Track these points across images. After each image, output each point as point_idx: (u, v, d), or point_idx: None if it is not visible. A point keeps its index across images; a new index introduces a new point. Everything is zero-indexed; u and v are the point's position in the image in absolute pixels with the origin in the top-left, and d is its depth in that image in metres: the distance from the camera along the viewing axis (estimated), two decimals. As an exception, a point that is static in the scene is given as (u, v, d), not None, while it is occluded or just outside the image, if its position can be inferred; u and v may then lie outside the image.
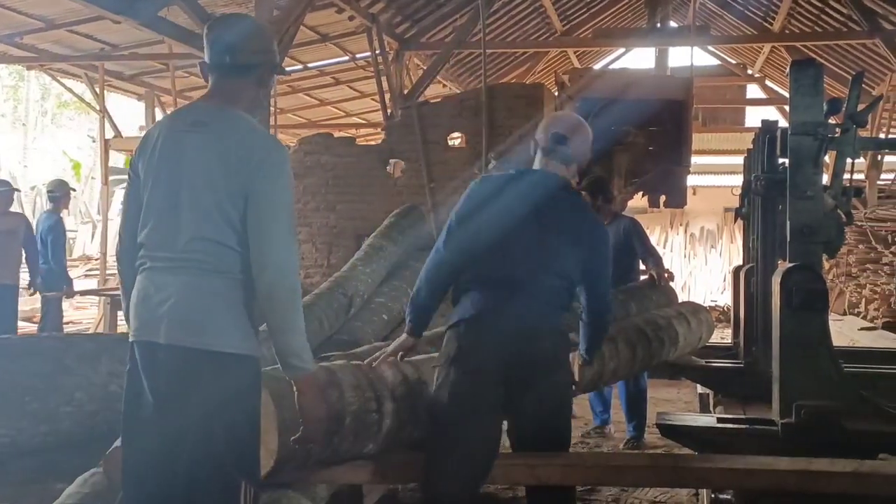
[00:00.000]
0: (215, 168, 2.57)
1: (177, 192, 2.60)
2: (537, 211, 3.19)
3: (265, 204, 2.53)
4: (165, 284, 2.56)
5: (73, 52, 12.12)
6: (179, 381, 2.52)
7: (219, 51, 2.69)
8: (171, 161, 2.63)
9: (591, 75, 12.57)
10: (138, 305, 2.62)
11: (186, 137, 2.63)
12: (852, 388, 3.71)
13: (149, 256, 2.63)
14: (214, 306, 2.54)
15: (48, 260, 8.80)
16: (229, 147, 2.58)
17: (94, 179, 21.53)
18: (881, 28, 11.72)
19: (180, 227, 2.57)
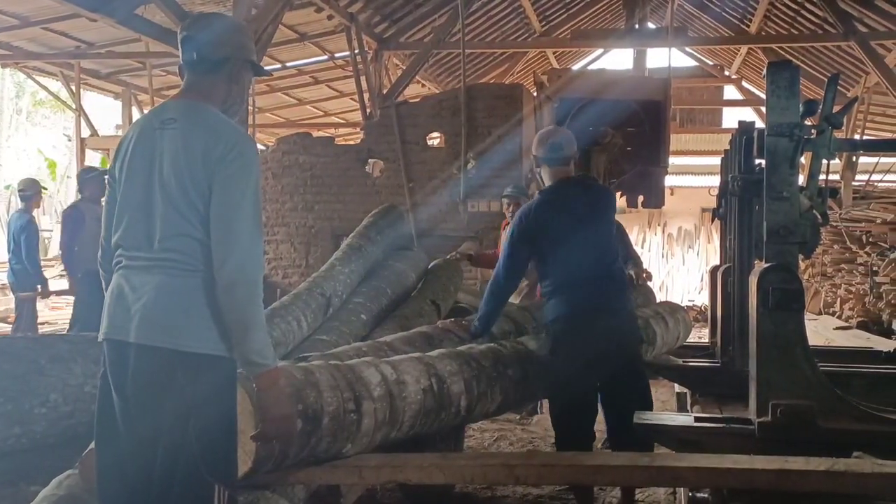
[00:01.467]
0: (184, 163, 2.53)
1: (149, 190, 2.57)
2: (588, 211, 4.17)
3: (228, 196, 2.49)
4: (141, 284, 2.54)
5: (49, 50, 12.02)
6: (151, 381, 2.48)
7: (188, 48, 2.67)
8: (144, 159, 2.61)
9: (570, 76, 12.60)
10: (112, 305, 2.59)
11: (157, 135, 2.61)
12: (828, 387, 3.74)
13: (124, 256, 2.61)
14: (189, 306, 2.51)
15: (21, 260, 8.71)
16: (196, 140, 2.54)
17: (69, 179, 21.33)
18: (856, 31, 11.84)
19: (154, 225, 2.55)
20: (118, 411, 2.54)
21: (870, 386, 4.58)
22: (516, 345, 4.48)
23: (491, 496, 4.90)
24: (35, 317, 9.23)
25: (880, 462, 3.16)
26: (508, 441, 6.21)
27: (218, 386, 2.52)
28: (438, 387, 3.63)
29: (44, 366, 3.36)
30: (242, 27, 2.95)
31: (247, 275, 2.48)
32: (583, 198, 4.25)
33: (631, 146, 11.36)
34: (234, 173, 2.51)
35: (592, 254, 4.13)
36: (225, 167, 2.50)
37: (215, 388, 2.50)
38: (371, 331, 5.05)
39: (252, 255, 2.49)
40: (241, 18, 8.04)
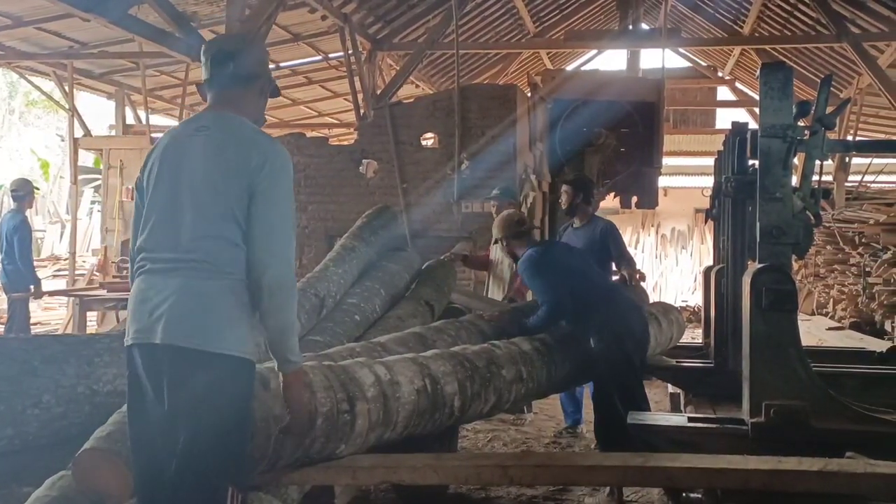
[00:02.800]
0: (216, 168, 2.62)
1: (177, 193, 2.65)
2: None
3: (270, 207, 2.60)
4: (165, 286, 2.59)
5: (42, 50, 11.97)
6: (176, 380, 2.54)
7: (220, 61, 2.78)
8: (173, 164, 2.69)
9: (564, 76, 12.63)
10: (137, 309, 2.64)
11: (189, 141, 2.71)
12: (820, 388, 3.75)
13: (149, 259, 2.66)
14: (214, 307, 2.57)
15: (14, 260, 8.68)
16: (231, 148, 2.64)
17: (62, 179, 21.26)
18: (849, 32, 11.86)
19: (183, 227, 2.61)
20: (159, 413, 2.57)
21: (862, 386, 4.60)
22: (510, 345, 4.48)
23: (485, 497, 4.90)
24: (28, 317, 9.20)
25: (873, 462, 3.17)
26: (502, 442, 6.21)
27: (237, 387, 2.58)
28: (432, 387, 3.64)
29: (36, 367, 3.34)
30: (265, 48, 3.09)
31: (287, 281, 2.63)
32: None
33: (624, 147, 11.39)
34: (273, 185, 2.61)
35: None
36: (264, 178, 2.60)
37: (234, 389, 2.57)
38: (365, 331, 5.05)
39: (291, 263, 2.66)
40: (234, 18, 8.03)
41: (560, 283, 4.97)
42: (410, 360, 3.72)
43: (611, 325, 4.88)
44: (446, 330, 4.77)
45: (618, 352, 4.84)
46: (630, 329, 4.95)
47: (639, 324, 5.09)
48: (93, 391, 3.41)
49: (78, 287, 11.60)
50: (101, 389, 3.44)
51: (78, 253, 14.22)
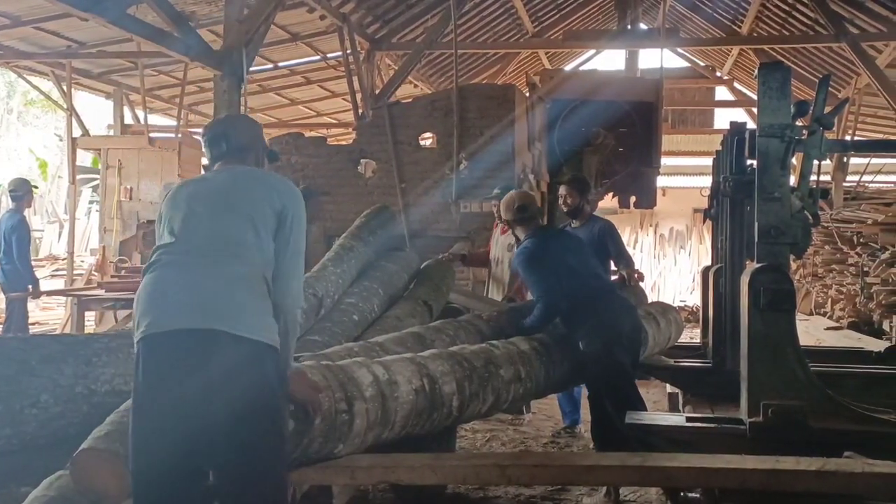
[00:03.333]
0: (238, 188, 2.93)
1: (198, 206, 2.89)
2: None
3: (292, 244, 2.93)
4: (195, 274, 2.75)
5: (40, 50, 11.96)
6: (200, 362, 2.62)
7: (215, 142, 3.08)
8: (192, 192, 2.97)
9: (562, 76, 12.63)
10: (162, 297, 2.73)
11: (205, 178, 3.10)
12: (819, 388, 3.76)
13: (170, 252, 2.82)
14: (250, 295, 2.76)
15: (12, 260, 8.68)
16: (255, 179, 3.00)
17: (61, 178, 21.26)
18: (847, 32, 11.86)
19: (204, 226, 2.84)
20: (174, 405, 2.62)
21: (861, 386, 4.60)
22: (508, 345, 4.48)
23: (483, 497, 4.90)
24: (26, 317, 9.19)
25: (871, 462, 3.17)
26: (500, 441, 6.21)
27: (279, 375, 2.78)
28: (430, 387, 3.63)
29: (34, 366, 3.34)
30: (255, 123, 3.39)
31: (299, 302, 2.99)
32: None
33: (623, 147, 11.39)
34: (294, 226, 2.94)
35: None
36: (288, 221, 2.92)
37: (278, 377, 2.78)
38: (363, 331, 5.05)
39: (301, 287, 3.03)
40: (233, 18, 8.03)
41: (553, 282, 4.92)
42: (408, 360, 3.72)
43: (599, 329, 4.82)
44: (445, 330, 4.76)
45: (606, 356, 4.78)
46: (619, 333, 4.87)
47: (630, 326, 5.01)
48: (91, 391, 3.41)
49: (76, 287, 11.59)
50: (99, 389, 3.43)
51: (76, 253, 14.20)
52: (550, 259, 5.00)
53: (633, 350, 5.00)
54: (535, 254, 5.01)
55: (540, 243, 5.08)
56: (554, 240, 5.19)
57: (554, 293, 4.92)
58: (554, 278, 4.93)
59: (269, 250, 2.88)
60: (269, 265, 2.88)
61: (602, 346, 4.78)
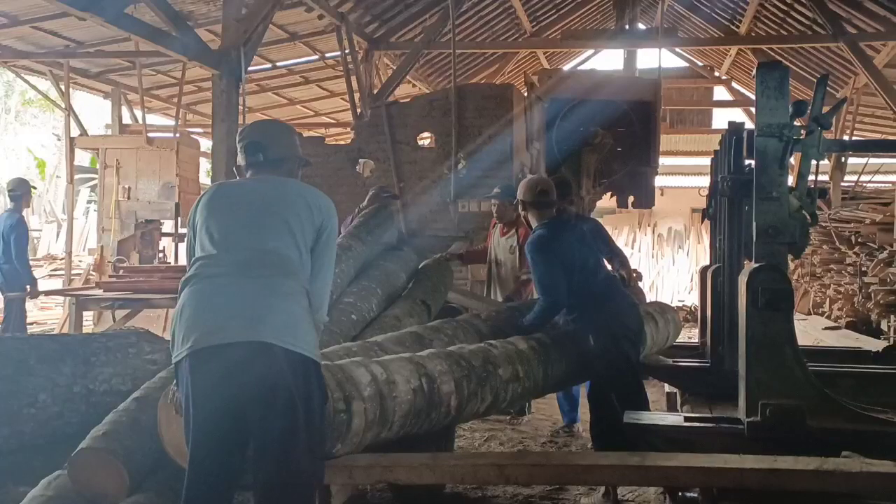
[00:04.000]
0: (279, 199, 2.95)
1: (238, 216, 2.91)
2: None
3: (327, 260, 3.03)
4: (246, 288, 2.78)
5: (38, 49, 11.95)
6: (249, 374, 2.68)
7: (252, 151, 3.09)
8: (231, 199, 2.99)
9: (560, 76, 12.63)
10: (209, 311, 2.75)
11: (245, 184, 3.08)
12: (817, 387, 3.76)
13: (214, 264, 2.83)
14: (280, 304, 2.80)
15: (10, 259, 8.67)
16: (296, 193, 3.00)
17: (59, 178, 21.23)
18: (845, 32, 11.88)
19: (247, 239, 2.86)
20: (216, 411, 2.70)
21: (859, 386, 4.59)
22: (506, 345, 4.48)
23: (481, 496, 4.90)
24: (24, 317, 9.18)
25: (869, 461, 3.18)
26: (499, 441, 6.21)
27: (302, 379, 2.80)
28: (429, 386, 3.63)
29: (33, 366, 3.34)
30: (293, 129, 3.42)
31: (325, 318, 3.13)
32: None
33: (621, 146, 11.39)
34: (331, 243, 3.04)
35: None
36: (325, 236, 3.00)
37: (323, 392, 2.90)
38: (361, 331, 5.05)
39: (327, 302, 3.14)
40: (231, 17, 8.02)
41: (559, 276, 4.88)
42: (407, 360, 3.72)
43: (609, 323, 4.85)
44: (443, 329, 4.76)
45: (616, 351, 4.82)
46: (627, 328, 4.93)
47: (635, 322, 5.08)
48: (89, 391, 3.41)
49: (74, 286, 11.59)
50: (97, 389, 3.43)
51: (74, 252, 14.19)
52: (562, 249, 4.92)
53: (637, 345, 5.05)
54: (548, 241, 4.92)
55: (554, 232, 5.00)
56: (567, 230, 5.09)
57: (557, 290, 4.87)
58: (560, 271, 4.86)
59: (308, 265, 2.94)
60: (308, 279, 2.94)
61: (612, 341, 4.81)
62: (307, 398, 2.77)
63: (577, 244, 5.05)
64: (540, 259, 4.92)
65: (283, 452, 2.71)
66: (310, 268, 2.94)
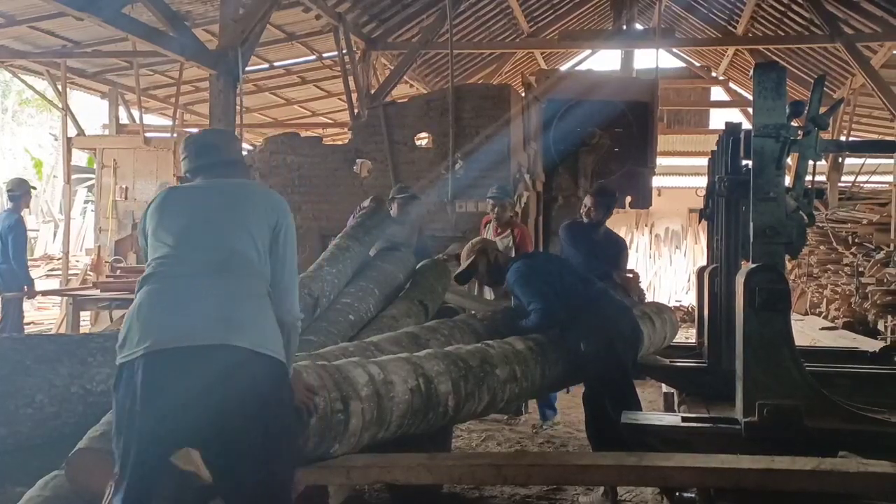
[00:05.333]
0: (240, 203, 2.89)
1: (195, 219, 2.85)
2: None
3: (289, 260, 2.93)
4: (203, 288, 2.71)
5: (35, 49, 11.93)
6: (219, 379, 2.60)
7: (204, 154, 3.04)
8: (184, 202, 2.92)
9: (558, 76, 12.63)
10: (167, 312, 2.67)
11: (196, 188, 3.01)
12: (814, 387, 3.76)
13: (171, 264, 2.76)
14: (262, 310, 2.77)
15: (8, 259, 8.67)
16: (250, 192, 2.96)
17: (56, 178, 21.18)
18: (842, 32, 11.89)
19: (206, 241, 2.80)
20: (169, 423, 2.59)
21: (855, 386, 4.61)
22: (504, 345, 4.48)
23: (479, 496, 4.90)
24: (21, 317, 9.18)
25: (865, 461, 3.18)
26: (496, 441, 6.22)
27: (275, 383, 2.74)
28: (426, 387, 3.63)
29: (30, 366, 3.33)
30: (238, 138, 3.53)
31: (298, 318, 3.00)
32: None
33: (618, 147, 11.40)
34: (289, 240, 2.94)
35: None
36: (282, 235, 2.91)
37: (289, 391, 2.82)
38: (359, 331, 5.05)
39: (297, 301, 3.01)
40: (228, 17, 8.02)
41: (548, 290, 4.96)
42: (404, 360, 3.72)
43: (600, 327, 4.86)
44: (440, 329, 4.77)
45: (608, 354, 4.81)
46: (619, 331, 4.93)
47: (628, 325, 5.07)
48: (86, 391, 3.40)
49: (71, 287, 11.58)
50: (94, 389, 3.43)
51: (71, 252, 14.18)
52: (542, 270, 5.12)
53: (633, 350, 5.04)
54: (528, 268, 5.10)
55: (529, 260, 5.33)
56: (539, 256, 5.40)
57: (550, 299, 4.93)
58: (548, 286, 4.98)
59: (268, 266, 2.87)
60: (269, 279, 2.88)
61: (604, 343, 4.80)
62: (279, 402, 2.71)
63: (553, 263, 5.38)
64: (524, 283, 5.04)
65: (259, 459, 2.64)
66: (269, 268, 2.87)
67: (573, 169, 11.14)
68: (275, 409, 2.69)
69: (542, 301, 4.93)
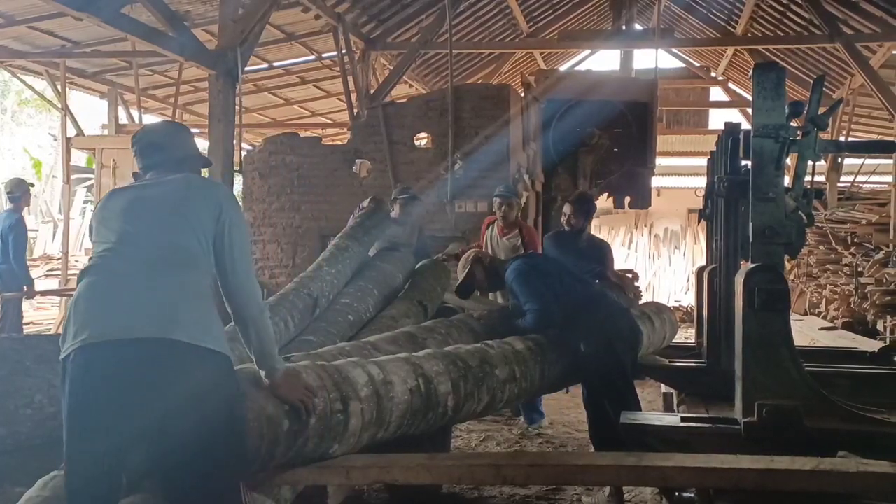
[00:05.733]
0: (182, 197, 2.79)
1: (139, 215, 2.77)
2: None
3: (236, 235, 2.80)
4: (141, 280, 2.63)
5: (34, 49, 11.93)
6: (168, 378, 2.54)
7: (149, 153, 2.96)
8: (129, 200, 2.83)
9: (557, 77, 12.64)
10: (104, 305, 2.60)
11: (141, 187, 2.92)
12: (813, 388, 3.76)
13: (110, 256, 2.69)
14: (201, 302, 2.68)
15: (8, 260, 8.67)
16: (192, 186, 2.85)
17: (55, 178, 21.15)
18: (841, 33, 11.89)
19: (148, 234, 2.72)
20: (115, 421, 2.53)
21: (854, 386, 4.61)
22: (503, 345, 4.49)
23: (478, 496, 4.90)
24: (21, 317, 9.18)
25: (865, 461, 3.18)
26: (495, 441, 6.22)
27: (231, 384, 2.69)
28: (426, 387, 3.63)
29: (29, 366, 3.33)
30: (188, 129, 3.24)
31: (263, 307, 2.88)
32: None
33: (618, 147, 11.41)
34: (234, 230, 2.81)
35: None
36: (227, 226, 2.79)
37: (230, 385, 2.68)
38: (358, 332, 5.05)
39: (259, 293, 2.89)
40: (228, 18, 8.01)
41: (546, 291, 4.97)
42: (403, 360, 3.71)
43: (599, 328, 4.86)
44: (437, 329, 4.77)
45: (607, 355, 4.82)
46: (619, 332, 4.94)
47: (627, 326, 5.08)
48: (85, 391, 3.40)
49: (70, 287, 11.55)
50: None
51: (70, 252, 14.16)
52: (541, 270, 5.11)
53: (633, 350, 5.05)
54: (527, 267, 5.11)
55: (529, 259, 5.32)
56: (538, 256, 5.43)
57: (547, 301, 4.94)
58: (546, 287, 4.99)
59: (211, 261, 2.78)
60: (213, 273, 2.79)
61: (604, 344, 4.80)
62: (220, 397, 2.61)
63: (552, 264, 5.32)
64: (522, 282, 5.03)
65: (195, 456, 2.55)
66: (213, 263, 2.77)
67: (572, 169, 11.15)
68: (214, 404, 2.58)
69: (539, 302, 4.93)
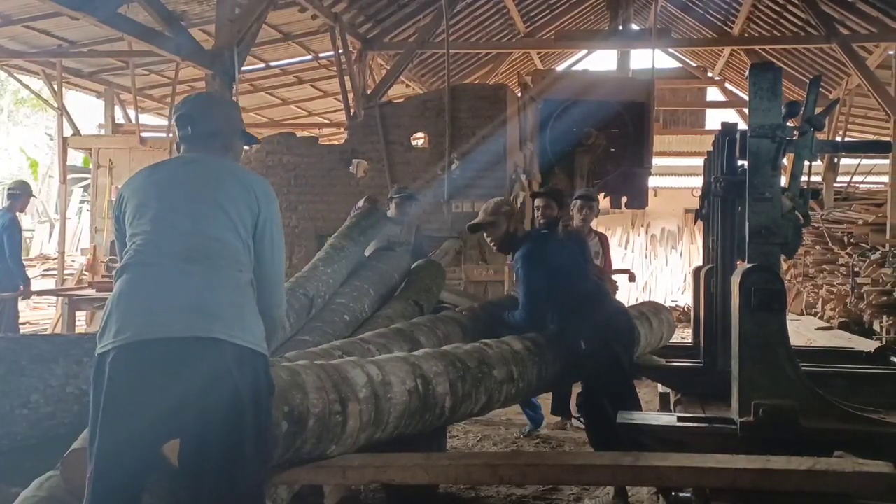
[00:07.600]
0: (215, 186, 2.76)
1: (173, 207, 2.72)
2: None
3: (276, 247, 2.86)
4: (182, 278, 2.62)
5: (31, 49, 11.92)
6: (199, 373, 2.52)
7: (182, 125, 2.89)
8: (162, 186, 2.77)
9: (554, 76, 12.65)
10: (145, 303, 2.58)
11: (175, 169, 2.85)
12: (809, 387, 3.76)
13: (149, 253, 2.66)
14: (244, 301, 2.69)
15: (4, 258, 8.66)
16: (230, 175, 2.82)
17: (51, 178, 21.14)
18: (838, 33, 11.91)
19: (185, 229, 2.68)
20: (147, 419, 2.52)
21: (851, 386, 4.61)
22: (501, 345, 4.48)
23: (475, 496, 4.90)
24: (17, 317, 9.17)
25: (861, 461, 3.18)
26: (492, 441, 6.22)
27: (270, 383, 2.72)
28: (424, 388, 3.63)
29: (25, 366, 3.32)
30: (232, 103, 3.19)
31: (284, 311, 3.06)
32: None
33: (614, 147, 11.43)
34: (274, 231, 2.85)
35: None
36: (267, 225, 2.82)
37: (269, 384, 2.71)
38: (354, 331, 5.04)
39: (284, 296, 3.03)
40: (224, 18, 8.01)
41: (542, 288, 4.90)
42: (402, 360, 3.71)
43: (598, 327, 4.85)
44: (422, 322, 4.85)
45: (606, 354, 4.81)
46: (617, 331, 4.94)
47: (625, 326, 5.08)
48: (81, 391, 3.39)
49: (67, 287, 11.56)
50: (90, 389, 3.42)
51: (67, 252, 14.16)
52: (548, 260, 4.99)
53: (629, 349, 5.04)
54: (537, 252, 4.99)
55: (542, 243, 5.07)
56: (551, 241, 5.15)
57: (538, 298, 4.90)
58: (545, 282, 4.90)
59: (251, 254, 2.76)
60: (250, 267, 2.77)
61: (602, 344, 4.80)
62: (256, 398, 2.60)
63: (560, 253, 5.10)
64: (527, 270, 4.94)
65: (229, 454, 2.54)
66: (252, 257, 2.76)
67: (569, 169, 11.16)
68: (251, 402, 2.58)
69: (532, 302, 4.91)
